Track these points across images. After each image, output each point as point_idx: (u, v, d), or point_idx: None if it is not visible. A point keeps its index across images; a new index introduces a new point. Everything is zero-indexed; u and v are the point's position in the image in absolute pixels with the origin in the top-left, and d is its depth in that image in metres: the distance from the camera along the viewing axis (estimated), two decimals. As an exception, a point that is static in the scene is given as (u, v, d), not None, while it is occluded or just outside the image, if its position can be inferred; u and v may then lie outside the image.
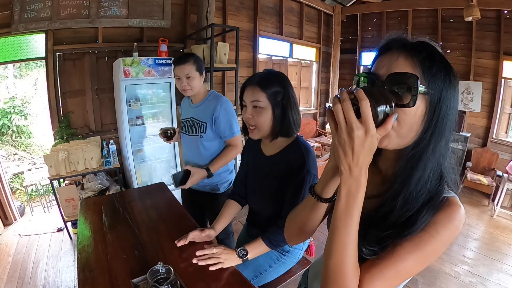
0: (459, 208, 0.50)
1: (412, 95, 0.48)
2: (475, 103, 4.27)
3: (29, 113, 5.83)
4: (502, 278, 2.23)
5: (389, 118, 0.45)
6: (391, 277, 0.50)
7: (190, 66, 1.48)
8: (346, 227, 0.48)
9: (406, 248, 0.49)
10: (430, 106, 0.50)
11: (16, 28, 2.52)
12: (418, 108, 0.49)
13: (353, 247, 0.48)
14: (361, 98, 0.42)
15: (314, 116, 5.71)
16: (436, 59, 0.50)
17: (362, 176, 0.46)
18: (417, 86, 0.47)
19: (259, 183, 1.16)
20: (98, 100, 3.13)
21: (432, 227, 0.49)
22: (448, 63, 0.52)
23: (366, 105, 0.42)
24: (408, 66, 0.50)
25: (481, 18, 3.52)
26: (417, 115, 0.50)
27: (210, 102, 1.54)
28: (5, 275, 2.12)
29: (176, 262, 1.01)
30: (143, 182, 2.96)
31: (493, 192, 3.66)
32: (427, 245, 0.49)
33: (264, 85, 0.98)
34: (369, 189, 0.55)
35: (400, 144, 0.52)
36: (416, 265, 0.50)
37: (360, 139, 0.42)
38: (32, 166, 4.87)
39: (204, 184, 1.62)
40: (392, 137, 0.51)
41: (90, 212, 1.39)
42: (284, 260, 1.21)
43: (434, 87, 0.49)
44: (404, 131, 0.51)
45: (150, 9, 3.18)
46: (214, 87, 2.92)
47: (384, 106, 0.44)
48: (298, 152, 1.02)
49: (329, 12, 5.27)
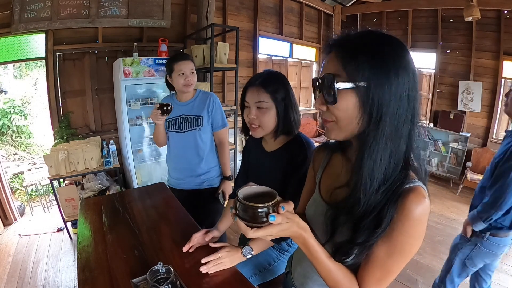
0: (421, 199, 0.51)
1: (332, 93, 0.51)
2: (475, 103, 4.27)
3: (29, 113, 5.83)
4: (502, 278, 2.23)
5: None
6: (382, 278, 0.56)
7: (192, 63, 1.58)
8: (319, 261, 0.57)
9: (383, 251, 0.54)
10: (361, 99, 0.50)
11: (16, 28, 2.52)
12: (348, 102, 0.51)
13: (337, 272, 0.58)
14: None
15: (314, 116, 5.71)
16: (360, 51, 0.50)
17: (297, 234, 0.55)
18: (332, 84, 0.50)
19: (261, 178, 1.15)
20: (98, 100, 3.14)
21: (398, 223, 0.51)
22: (384, 51, 0.51)
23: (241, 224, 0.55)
24: (333, 66, 0.53)
25: (481, 18, 3.52)
26: (350, 108, 0.52)
27: (201, 97, 1.64)
28: (5, 275, 2.12)
29: (176, 262, 1.01)
30: (143, 182, 2.96)
31: (493, 192, 3.66)
32: (400, 243, 0.52)
33: (267, 86, 1.00)
34: (341, 179, 0.63)
35: (346, 135, 0.56)
36: (399, 263, 0.55)
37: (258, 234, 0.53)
38: (32, 166, 4.88)
39: (201, 181, 1.66)
40: (335, 130, 0.56)
41: (90, 212, 1.38)
42: (283, 259, 1.21)
43: (358, 79, 0.49)
44: (343, 125, 0.54)
45: (150, 9, 3.18)
46: (214, 87, 2.92)
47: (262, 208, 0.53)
48: (300, 146, 1.03)
49: (329, 12, 5.27)
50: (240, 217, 0.54)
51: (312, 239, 0.57)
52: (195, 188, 1.66)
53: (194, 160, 1.62)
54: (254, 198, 0.58)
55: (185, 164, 1.64)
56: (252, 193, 0.60)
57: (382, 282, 0.56)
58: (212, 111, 1.61)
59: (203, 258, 0.99)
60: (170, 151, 1.69)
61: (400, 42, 0.53)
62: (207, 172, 1.66)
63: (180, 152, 1.64)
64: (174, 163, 1.70)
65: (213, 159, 1.69)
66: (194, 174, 1.64)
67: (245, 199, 0.56)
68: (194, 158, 1.62)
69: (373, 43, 0.52)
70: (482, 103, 4.22)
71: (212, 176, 1.68)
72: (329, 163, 0.73)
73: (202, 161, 1.63)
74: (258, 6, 4.20)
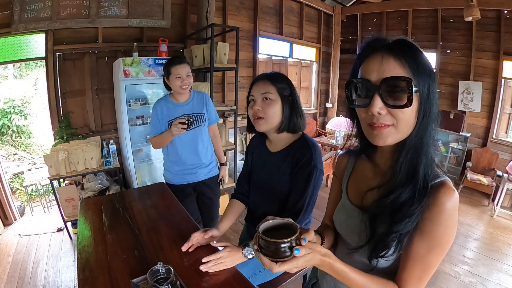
0: (451, 192, 0.54)
1: (408, 96, 0.52)
2: (475, 103, 4.27)
3: (29, 113, 5.83)
4: (502, 278, 2.23)
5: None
6: (423, 274, 0.57)
7: (189, 66, 1.68)
8: (351, 281, 0.58)
9: (422, 247, 0.56)
10: (421, 102, 0.54)
11: (16, 28, 2.52)
12: (413, 105, 0.53)
13: (370, 284, 0.58)
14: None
15: (314, 116, 5.71)
16: (419, 56, 0.54)
17: (322, 261, 0.56)
18: (411, 88, 0.52)
19: (265, 179, 1.15)
20: (98, 100, 3.14)
21: (433, 217, 0.54)
22: (426, 57, 0.56)
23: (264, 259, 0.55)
24: (398, 69, 0.53)
25: (481, 18, 3.52)
26: (413, 112, 0.54)
27: (197, 97, 1.81)
28: (5, 275, 2.12)
29: (176, 262, 1.01)
30: (143, 182, 2.96)
31: (493, 192, 3.66)
32: (439, 237, 0.55)
33: (274, 80, 1.04)
34: (371, 182, 0.66)
35: (399, 139, 0.57)
36: (438, 256, 0.57)
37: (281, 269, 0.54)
38: (32, 166, 4.87)
39: (208, 171, 1.86)
40: (393, 134, 0.56)
41: (90, 212, 1.38)
42: (283, 259, 1.20)
43: (423, 83, 0.53)
44: (403, 127, 0.56)
45: (150, 9, 3.18)
46: (214, 87, 2.92)
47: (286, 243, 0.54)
48: (305, 147, 1.03)
49: (329, 12, 5.27)
50: (264, 253, 0.55)
51: (338, 263, 0.57)
52: (205, 178, 1.84)
53: (202, 153, 1.80)
54: (274, 231, 0.59)
55: (195, 159, 1.79)
56: (271, 226, 0.61)
57: (423, 279, 0.57)
58: (208, 108, 1.81)
59: (203, 257, 0.98)
60: (177, 149, 1.75)
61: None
62: (211, 161, 1.89)
63: (189, 148, 1.76)
64: (183, 159, 1.77)
65: (212, 150, 1.91)
66: (203, 165, 1.83)
67: (265, 233, 0.56)
68: (202, 151, 1.80)
69: (419, 50, 0.55)
70: (482, 103, 4.22)
71: (214, 165, 1.92)
72: (355, 168, 0.75)
73: (207, 152, 1.84)
74: (258, 6, 4.20)
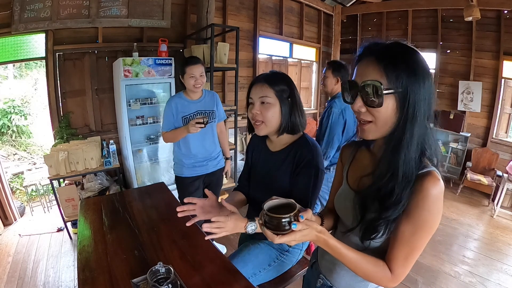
0: (435, 180, 0.60)
1: (378, 98, 0.60)
2: (475, 103, 4.27)
3: (29, 113, 5.83)
4: (502, 278, 2.23)
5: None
6: (409, 254, 0.64)
7: (202, 66, 1.81)
8: (343, 256, 0.65)
9: (408, 229, 0.62)
10: (398, 102, 0.60)
11: (16, 28, 2.52)
12: (388, 105, 0.61)
13: (362, 260, 0.66)
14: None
15: (314, 116, 5.71)
16: (399, 61, 0.60)
17: (317, 237, 0.64)
18: (381, 91, 0.59)
19: (265, 178, 1.15)
20: (98, 100, 3.13)
21: (418, 203, 0.60)
22: (413, 61, 0.60)
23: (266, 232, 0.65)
24: (375, 73, 0.61)
25: (481, 18, 3.51)
26: (389, 110, 0.61)
27: (209, 95, 1.97)
28: (5, 275, 2.12)
29: (176, 262, 1.01)
30: (143, 182, 2.96)
31: (493, 192, 3.66)
32: (423, 221, 0.61)
33: (272, 82, 1.02)
34: (367, 169, 0.73)
35: (381, 134, 0.65)
36: (422, 239, 0.63)
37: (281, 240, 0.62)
38: (32, 166, 4.87)
39: (217, 163, 2.03)
40: (373, 130, 0.65)
41: (90, 212, 1.39)
42: (284, 259, 1.21)
43: (399, 86, 0.59)
44: (382, 125, 0.63)
45: (150, 9, 3.18)
46: (214, 87, 2.92)
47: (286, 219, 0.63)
48: (306, 147, 1.03)
49: (329, 12, 5.27)
50: (267, 227, 0.64)
51: (332, 239, 0.65)
52: (214, 169, 2.02)
53: (211, 147, 1.98)
54: (277, 209, 0.67)
55: (205, 152, 1.96)
56: (275, 205, 0.70)
57: (409, 258, 0.64)
58: (217, 106, 1.99)
59: (206, 224, 0.87)
60: (189, 144, 1.89)
61: (421, 54, 0.62)
62: (219, 155, 2.07)
63: (200, 143, 1.92)
64: (194, 152, 1.92)
65: (218, 144, 2.07)
66: (212, 158, 2.00)
67: (269, 210, 0.65)
68: (211, 145, 1.98)
69: (406, 53, 0.61)
70: (482, 103, 4.22)
71: (221, 158, 2.10)
72: (355, 157, 0.83)
73: (216, 146, 2.02)
74: (258, 6, 4.20)
